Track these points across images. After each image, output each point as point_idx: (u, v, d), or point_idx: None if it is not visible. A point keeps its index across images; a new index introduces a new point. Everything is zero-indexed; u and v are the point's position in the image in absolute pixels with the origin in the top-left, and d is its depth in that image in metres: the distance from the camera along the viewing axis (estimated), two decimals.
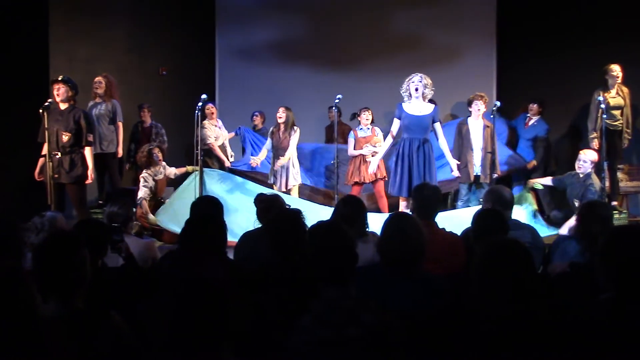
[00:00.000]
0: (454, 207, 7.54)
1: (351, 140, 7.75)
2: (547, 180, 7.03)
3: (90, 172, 6.22)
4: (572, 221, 5.88)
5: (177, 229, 5.95)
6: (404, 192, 6.19)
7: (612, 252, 2.36)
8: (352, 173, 7.61)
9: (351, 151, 7.72)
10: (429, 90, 6.25)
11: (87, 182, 6.25)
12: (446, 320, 2.29)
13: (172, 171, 7.22)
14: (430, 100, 6.45)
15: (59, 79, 6.22)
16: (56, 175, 6.03)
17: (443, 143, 6.45)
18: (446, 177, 7.10)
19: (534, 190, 6.95)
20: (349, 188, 7.66)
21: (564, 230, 5.80)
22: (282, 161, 7.36)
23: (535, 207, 6.77)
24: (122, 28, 9.18)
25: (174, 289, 2.04)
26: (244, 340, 2.27)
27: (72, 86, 6.21)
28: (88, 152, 6.23)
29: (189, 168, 7.34)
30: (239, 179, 7.33)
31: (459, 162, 6.71)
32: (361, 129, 7.73)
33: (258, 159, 7.66)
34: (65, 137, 6.07)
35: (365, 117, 7.70)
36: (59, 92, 6.11)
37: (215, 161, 8.37)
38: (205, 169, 6.97)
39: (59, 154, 6.07)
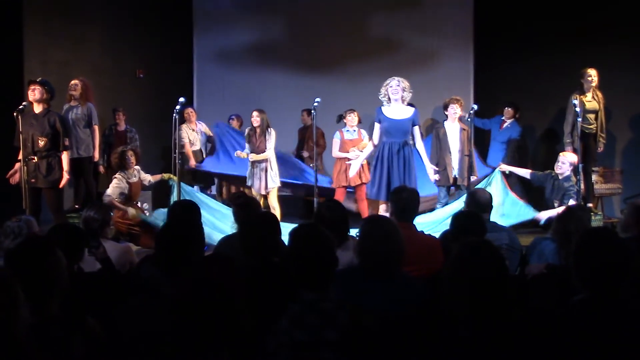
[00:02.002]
0: (432, 209, 7.58)
1: (336, 141, 7.72)
2: (525, 173, 7.09)
3: (64, 174, 6.13)
4: (553, 212, 6.03)
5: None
6: (382, 196, 6.17)
7: (585, 253, 2.38)
8: (338, 176, 7.60)
9: (336, 152, 7.70)
10: (408, 93, 6.25)
11: (59, 185, 6.17)
12: (423, 322, 2.30)
13: (147, 178, 7.12)
14: (409, 104, 6.47)
15: (37, 80, 6.13)
16: (33, 180, 5.95)
17: (420, 147, 6.46)
18: (428, 194, 7.18)
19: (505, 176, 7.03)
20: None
21: (544, 215, 6.20)
22: (257, 157, 7.29)
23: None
24: (97, 30, 9.09)
25: (178, 292, 2.00)
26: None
27: (48, 89, 6.13)
28: (65, 156, 6.17)
29: (165, 175, 7.27)
30: (207, 201, 7.26)
31: (437, 168, 6.75)
32: (347, 130, 7.73)
33: (243, 154, 7.57)
34: (41, 142, 5.99)
35: (351, 118, 7.70)
36: (34, 92, 6.02)
37: (184, 163, 8.29)
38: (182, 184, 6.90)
39: (35, 158, 5.99)
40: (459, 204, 6.52)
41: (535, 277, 3.59)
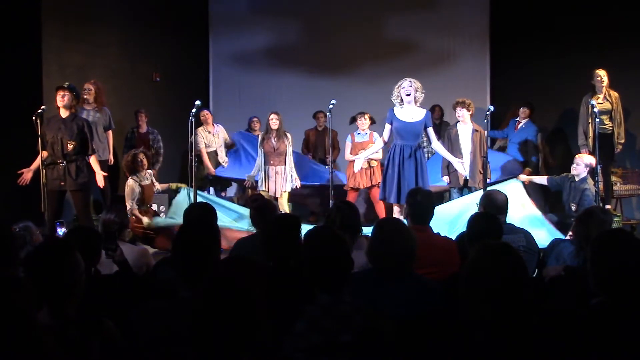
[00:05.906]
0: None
1: (348, 144, 7.75)
2: (542, 180, 7.04)
3: (98, 174, 6.24)
4: None
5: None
6: (392, 198, 6.11)
7: (602, 256, 2.35)
8: (349, 178, 7.61)
9: (347, 155, 7.72)
10: (420, 94, 6.19)
11: (99, 184, 6.32)
12: (438, 324, 2.28)
13: (157, 185, 7.18)
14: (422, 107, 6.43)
15: (65, 85, 6.17)
16: (62, 183, 6.01)
17: (437, 145, 6.44)
18: (436, 183, 7.15)
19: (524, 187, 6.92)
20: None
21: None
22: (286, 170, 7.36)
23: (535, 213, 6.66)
24: (114, 34, 9.15)
25: (198, 294, 2.00)
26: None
27: (76, 95, 6.21)
28: (93, 159, 6.24)
29: (172, 185, 7.31)
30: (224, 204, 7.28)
31: (461, 161, 6.62)
32: (359, 133, 7.73)
33: (252, 178, 7.61)
34: (70, 146, 6.04)
35: (362, 122, 7.69)
36: (65, 99, 6.05)
37: (201, 169, 8.33)
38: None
39: (64, 162, 6.03)
40: (473, 197, 6.47)
41: (553, 279, 3.56)
